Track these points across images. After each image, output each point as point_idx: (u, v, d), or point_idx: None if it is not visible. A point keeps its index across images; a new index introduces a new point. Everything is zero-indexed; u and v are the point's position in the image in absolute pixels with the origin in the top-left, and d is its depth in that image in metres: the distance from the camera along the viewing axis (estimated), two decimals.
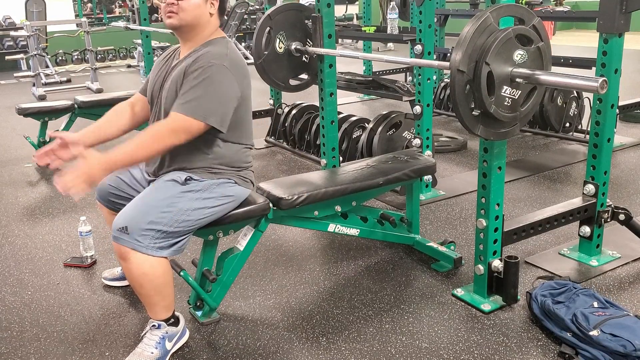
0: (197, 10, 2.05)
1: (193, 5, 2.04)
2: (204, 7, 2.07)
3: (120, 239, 1.91)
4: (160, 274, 1.96)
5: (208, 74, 1.97)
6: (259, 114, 4.96)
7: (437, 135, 4.65)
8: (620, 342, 1.88)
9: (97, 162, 1.85)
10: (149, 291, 1.98)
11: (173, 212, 1.96)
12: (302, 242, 2.98)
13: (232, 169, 2.15)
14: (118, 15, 13.63)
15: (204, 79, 1.97)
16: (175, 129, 1.95)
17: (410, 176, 2.65)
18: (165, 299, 2.02)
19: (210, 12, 2.10)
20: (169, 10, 2.05)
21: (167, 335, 2.04)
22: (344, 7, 9.88)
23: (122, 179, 2.27)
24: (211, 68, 1.98)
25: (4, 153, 4.96)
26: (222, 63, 2.00)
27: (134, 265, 1.92)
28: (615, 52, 2.34)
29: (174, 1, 2.03)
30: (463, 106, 1.94)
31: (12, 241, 3.15)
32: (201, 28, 2.09)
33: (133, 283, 1.98)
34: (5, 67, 9.52)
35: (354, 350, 2.09)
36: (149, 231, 1.91)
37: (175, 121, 1.95)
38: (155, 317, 2.04)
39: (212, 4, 2.09)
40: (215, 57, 2.01)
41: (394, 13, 4.13)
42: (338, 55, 3.17)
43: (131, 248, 1.90)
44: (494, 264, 2.26)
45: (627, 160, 4.08)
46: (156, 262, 1.94)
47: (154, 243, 1.92)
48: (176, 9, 2.03)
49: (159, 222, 1.93)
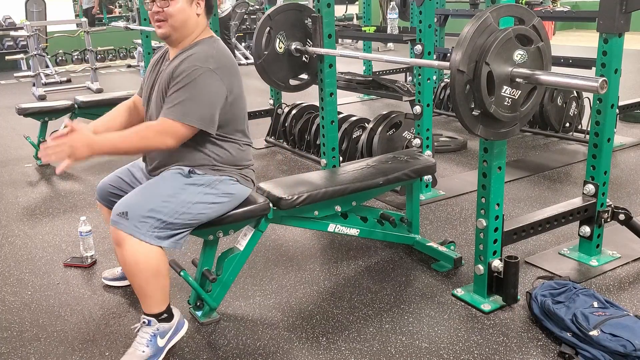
0: (183, 14, 2.05)
1: (178, 9, 2.04)
2: (190, 9, 2.07)
3: (118, 224, 1.91)
4: (154, 264, 1.95)
5: (193, 78, 1.98)
6: (259, 114, 4.96)
7: (437, 135, 4.64)
8: (620, 342, 1.88)
9: (84, 137, 1.88)
10: (140, 281, 1.97)
11: (174, 203, 1.98)
12: (302, 242, 2.98)
13: (234, 167, 2.16)
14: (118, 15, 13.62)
15: (188, 83, 1.98)
16: (161, 132, 1.98)
17: (410, 176, 2.65)
18: (159, 291, 2.01)
19: (197, 13, 2.10)
20: (157, 19, 2.06)
21: (158, 332, 2.02)
22: (344, 7, 9.89)
23: (123, 178, 2.27)
24: (195, 71, 1.99)
25: (4, 153, 4.96)
26: (207, 66, 2.01)
27: (129, 253, 1.92)
28: (615, 52, 2.34)
29: (159, 9, 2.03)
30: (463, 106, 1.94)
31: (12, 241, 3.15)
32: (189, 30, 2.10)
33: (126, 271, 1.98)
34: (5, 67, 9.52)
35: (354, 350, 2.09)
36: (149, 219, 1.92)
37: (161, 124, 1.99)
38: (148, 311, 2.03)
39: (197, 4, 2.09)
40: (200, 59, 2.02)
41: (394, 13, 4.13)
42: (338, 55, 3.17)
43: (129, 233, 1.90)
44: (494, 264, 2.26)
45: (627, 160, 4.08)
46: (151, 252, 1.93)
47: (152, 231, 1.93)
48: (164, 16, 2.04)
49: (159, 210, 1.94)
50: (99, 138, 1.93)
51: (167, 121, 1.98)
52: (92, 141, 1.90)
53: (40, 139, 4.56)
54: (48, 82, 7.92)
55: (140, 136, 1.98)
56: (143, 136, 1.98)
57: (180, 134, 1.99)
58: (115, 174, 2.31)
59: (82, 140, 1.88)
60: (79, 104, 4.60)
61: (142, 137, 1.98)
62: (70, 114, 4.62)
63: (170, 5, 2.03)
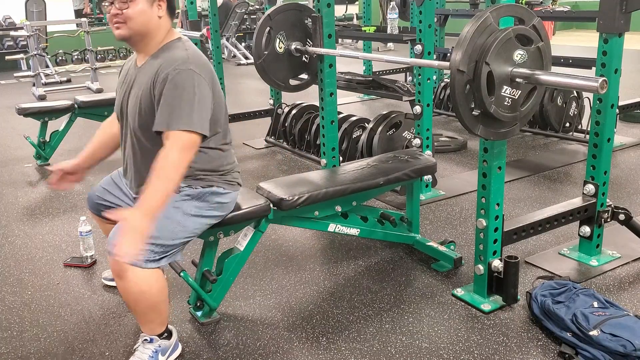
0: (143, 16, 1.95)
1: (138, 11, 1.93)
2: (150, 11, 1.96)
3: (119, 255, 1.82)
4: (157, 291, 1.92)
5: (179, 82, 1.89)
6: (259, 114, 4.96)
7: (437, 135, 4.64)
8: (620, 342, 1.88)
9: (140, 218, 1.76)
10: (144, 309, 1.94)
11: (171, 225, 1.95)
12: (302, 242, 2.98)
13: (216, 174, 2.08)
14: None
15: (177, 89, 1.88)
16: (184, 148, 1.88)
17: (410, 176, 2.65)
18: (161, 315, 1.99)
19: (159, 15, 1.99)
20: (115, 21, 1.95)
21: (160, 349, 2.01)
22: (344, 7, 9.88)
23: (107, 189, 2.25)
24: (179, 75, 1.89)
25: (4, 153, 4.96)
26: (188, 67, 1.92)
27: (132, 284, 1.86)
28: (615, 52, 2.34)
29: (118, 11, 1.93)
30: (463, 106, 1.94)
31: (12, 241, 3.15)
32: (152, 34, 2.00)
33: (129, 301, 1.94)
34: (5, 67, 9.52)
35: (354, 350, 2.09)
36: (149, 245, 1.86)
37: (177, 141, 1.87)
38: (149, 333, 2.01)
39: (159, 6, 1.99)
40: (178, 62, 1.92)
41: (394, 13, 4.13)
42: (338, 55, 3.17)
43: (130, 264, 1.83)
44: (494, 264, 2.26)
45: (627, 160, 4.08)
46: (153, 279, 1.90)
47: (153, 257, 1.89)
48: (122, 18, 1.93)
49: (157, 236, 1.88)
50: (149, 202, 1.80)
51: (182, 134, 1.87)
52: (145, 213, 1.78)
53: (40, 139, 4.55)
54: (48, 82, 7.92)
55: (175, 166, 1.85)
56: (177, 164, 1.85)
57: (196, 143, 1.90)
58: (101, 184, 2.28)
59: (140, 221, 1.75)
60: (79, 104, 4.60)
61: (177, 166, 1.85)
62: (70, 114, 4.62)
63: (130, 7, 1.92)
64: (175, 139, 1.87)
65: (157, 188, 1.83)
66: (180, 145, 1.87)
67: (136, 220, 1.75)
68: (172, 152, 1.86)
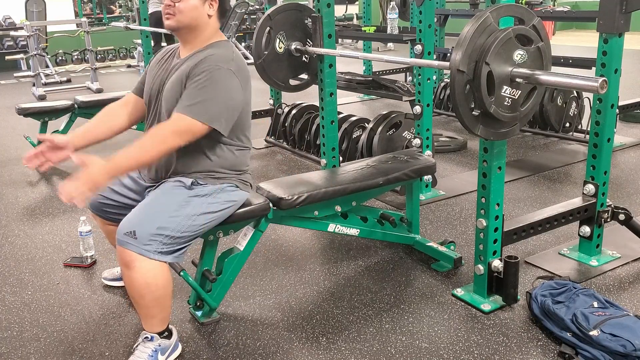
0: (194, 12, 2.03)
1: (190, 6, 2.02)
2: (202, 8, 2.04)
3: (127, 244, 1.86)
4: (162, 285, 1.93)
5: (215, 77, 1.95)
6: (259, 114, 4.95)
7: (437, 135, 4.64)
8: (620, 342, 1.88)
9: (100, 168, 1.83)
10: (148, 302, 1.94)
11: (181, 217, 1.95)
12: (302, 242, 2.98)
13: (234, 173, 2.13)
14: (118, 15, 13.63)
15: (210, 82, 1.94)
16: (179, 131, 1.92)
17: (410, 176, 2.65)
18: (164, 311, 2.00)
19: (209, 14, 2.07)
20: (166, 12, 2.04)
21: (160, 348, 2.01)
22: (344, 7, 9.89)
23: (112, 187, 2.24)
24: (219, 71, 1.96)
25: (4, 153, 4.96)
26: (229, 67, 1.98)
27: (139, 274, 1.88)
28: (615, 52, 2.34)
29: (171, 3, 2.01)
30: (463, 106, 1.94)
31: (12, 241, 3.16)
32: (200, 30, 2.07)
33: (134, 293, 1.94)
34: (5, 67, 9.52)
35: (354, 350, 2.09)
36: (158, 236, 1.88)
37: (180, 123, 1.92)
38: (150, 330, 2.01)
39: (210, 5, 2.06)
40: (222, 60, 1.99)
41: (394, 13, 4.13)
42: (338, 55, 3.17)
43: (138, 253, 1.86)
44: (494, 264, 2.26)
45: (627, 160, 4.08)
46: (159, 272, 1.91)
47: (160, 248, 1.90)
48: (174, 10, 2.01)
49: (167, 226, 1.91)
50: (116, 160, 1.86)
51: (185, 118, 1.91)
52: (108, 167, 1.84)
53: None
54: (48, 82, 7.92)
55: (158, 140, 1.91)
56: (162, 139, 1.91)
57: (197, 132, 1.94)
58: None
59: (99, 171, 1.82)
60: (78, 104, 4.60)
61: (161, 141, 1.90)
62: (70, 113, 4.62)
63: (183, 1, 2.00)
64: (176, 119, 1.94)
65: (132, 154, 1.90)
66: (175, 127, 1.93)
67: (95, 169, 1.82)
68: (165, 129, 1.95)
